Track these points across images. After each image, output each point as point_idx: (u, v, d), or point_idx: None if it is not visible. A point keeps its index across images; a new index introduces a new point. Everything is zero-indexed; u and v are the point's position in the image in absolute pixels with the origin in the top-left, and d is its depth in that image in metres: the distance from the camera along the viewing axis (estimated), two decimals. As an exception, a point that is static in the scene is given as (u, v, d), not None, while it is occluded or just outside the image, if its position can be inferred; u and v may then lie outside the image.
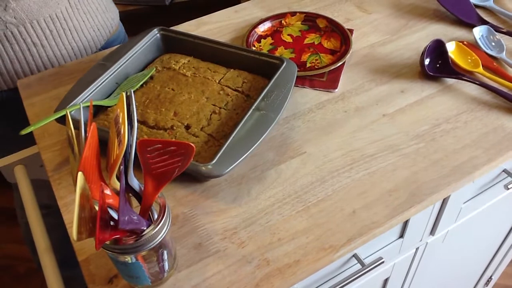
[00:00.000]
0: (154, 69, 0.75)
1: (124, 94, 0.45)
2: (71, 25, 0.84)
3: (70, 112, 0.64)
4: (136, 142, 0.44)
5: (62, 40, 0.83)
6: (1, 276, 1.64)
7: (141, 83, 0.72)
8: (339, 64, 0.79)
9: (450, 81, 0.78)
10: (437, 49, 0.78)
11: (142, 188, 0.47)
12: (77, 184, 0.38)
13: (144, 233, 0.46)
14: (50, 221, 0.73)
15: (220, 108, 0.69)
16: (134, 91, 0.71)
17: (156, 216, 0.49)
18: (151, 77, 0.75)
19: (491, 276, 1.32)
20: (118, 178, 0.46)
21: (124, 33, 1.01)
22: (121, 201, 0.42)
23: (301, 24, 0.90)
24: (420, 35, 0.87)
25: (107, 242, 0.45)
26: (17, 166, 0.79)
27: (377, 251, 0.73)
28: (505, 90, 0.74)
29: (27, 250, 1.67)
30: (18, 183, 0.77)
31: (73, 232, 0.38)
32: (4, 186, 1.79)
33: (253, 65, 0.75)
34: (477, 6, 0.92)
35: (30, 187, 0.76)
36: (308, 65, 0.81)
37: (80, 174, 0.39)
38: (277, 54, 0.83)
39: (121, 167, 0.44)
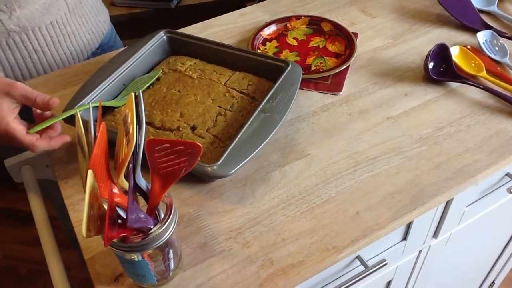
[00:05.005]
0: (161, 71, 0.76)
1: (133, 94, 0.46)
2: (69, 30, 0.85)
3: (79, 112, 0.64)
4: (144, 142, 0.45)
5: (61, 46, 0.85)
6: (3, 277, 1.64)
7: (147, 85, 0.73)
8: (343, 68, 0.79)
9: (454, 85, 0.78)
10: (441, 53, 0.79)
11: (149, 188, 0.48)
12: (87, 182, 0.39)
13: (151, 231, 0.46)
14: None
15: (225, 109, 0.70)
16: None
17: (162, 215, 0.50)
18: (158, 79, 0.75)
19: (493, 281, 1.32)
20: (126, 178, 0.47)
21: (115, 34, 1.02)
22: (130, 200, 0.42)
23: (306, 27, 0.91)
24: (423, 40, 0.88)
25: (115, 240, 0.46)
26: (24, 166, 0.80)
27: (380, 253, 0.73)
28: (508, 94, 0.75)
29: (29, 251, 1.68)
30: (25, 184, 0.78)
31: (83, 229, 0.39)
32: (7, 187, 1.80)
33: (258, 67, 0.75)
34: (481, 11, 0.93)
35: (37, 188, 0.76)
36: (312, 68, 0.81)
37: (90, 172, 0.39)
38: (282, 57, 0.84)
39: (130, 165, 0.45)
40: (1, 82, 0.60)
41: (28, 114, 0.76)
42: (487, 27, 0.88)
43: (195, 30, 0.92)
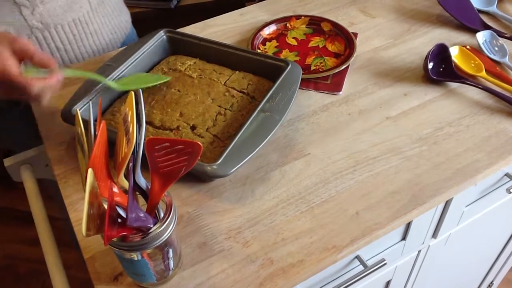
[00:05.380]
0: (169, 78, 0.75)
1: (133, 93, 0.46)
2: (92, 29, 0.85)
3: (79, 111, 0.65)
4: (144, 141, 0.45)
5: (83, 44, 0.85)
6: (2, 276, 1.64)
7: (151, 84, 0.73)
8: (343, 67, 0.79)
9: (453, 85, 0.78)
10: (441, 53, 0.79)
11: (149, 187, 0.48)
12: (86, 181, 0.39)
13: (150, 230, 0.46)
14: None
15: (225, 109, 0.70)
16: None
17: (162, 215, 0.50)
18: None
19: (492, 281, 1.32)
20: (126, 177, 0.47)
21: (136, 35, 1.03)
22: (130, 199, 0.42)
23: (306, 27, 0.91)
24: (423, 40, 0.88)
25: (114, 239, 0.46)
26: (23, 165, 0.80)
27: (380, 253, 0.73)
28: (507, 94, 0.75)
29: (29, 250, 1.68)
30: (24, 183, 0.78)
31: (83, 228, 0.39)
32: (6, 186, 1.80)
33: (258, 67, 0.75)
34: (480, 11, 0.93)
35: (36, 187, 0.76)
36: (312, 68, 0.81)
37: (90, 171, 0.39)
38: (282, 57, 0.84)
39: (130, 165, 0.45)
40: (5, 35, 0.60)
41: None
42: (487, 27, 0.88)
43: (195, 29, 0.92)
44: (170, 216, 0.48)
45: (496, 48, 0.84)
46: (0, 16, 0.72)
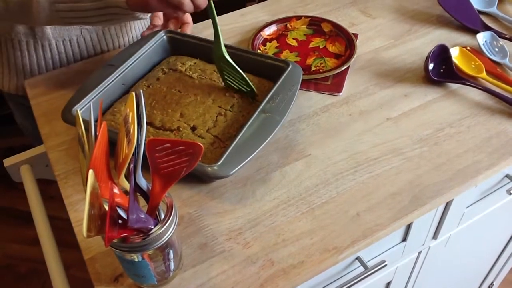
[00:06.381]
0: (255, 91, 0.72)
1: (133, 94, 0.46)
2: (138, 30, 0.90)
3: (80, 111, 0.64)
4: (145, 142, 0.45)
5: (129, 40, 0.89)
6: (3, 275, 1.64)
7: (244, 75, 0.70)
8: (343, 68, 0.79)
9: (454, 86, 0.78)
10: (441, 54, 0.79)
11: (150, 188, 0.48)
12: (87, 182, 0.39)
13: (151, 232, 0.46)
14: None
15: (226, 110, 0.69)
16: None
17: (163, 216, 0.50)
18: (158, 79, 0.75)
19: (492, 282, 1.32)
20: (126, 178, 0.47)
21: None
22: (131, 200, 0.42)
23: (306, 28, 0.91)
24: (423, 40, 0.88)
25: (115, 240, 0.45)
26: (23, 165, 0.80)
27: (380, 254, 0.73)
28: (508, 95, 0.75)
29: (29, 250, 1.68)
30: (24, 183, 0.78)
31: (83, 229, 0.39)
32: (6, 186, 1.80)
33: (258, 68, 0.75)
34: (481, 12, 0.93)
35: (36, 187, 0.76)
36: (313, 68, 0.81)
37: (91, 172, 0.39)
38: (282, 57, 0.84)
39: (131, 165, 0.45)
40: None
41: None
42: (487, 28, 0.88)
43: (195, 30, 0.92)
44: (171, 217, 0.48)
45: (497, 49, 0.84)
46: None
